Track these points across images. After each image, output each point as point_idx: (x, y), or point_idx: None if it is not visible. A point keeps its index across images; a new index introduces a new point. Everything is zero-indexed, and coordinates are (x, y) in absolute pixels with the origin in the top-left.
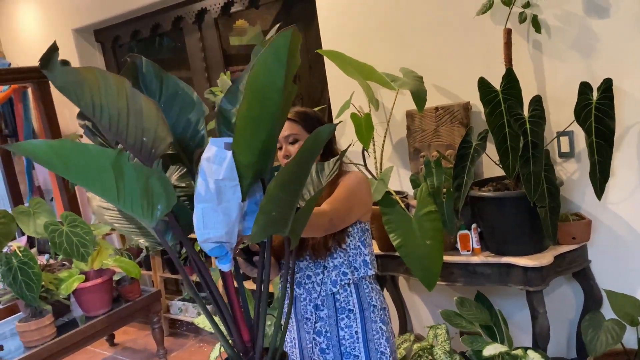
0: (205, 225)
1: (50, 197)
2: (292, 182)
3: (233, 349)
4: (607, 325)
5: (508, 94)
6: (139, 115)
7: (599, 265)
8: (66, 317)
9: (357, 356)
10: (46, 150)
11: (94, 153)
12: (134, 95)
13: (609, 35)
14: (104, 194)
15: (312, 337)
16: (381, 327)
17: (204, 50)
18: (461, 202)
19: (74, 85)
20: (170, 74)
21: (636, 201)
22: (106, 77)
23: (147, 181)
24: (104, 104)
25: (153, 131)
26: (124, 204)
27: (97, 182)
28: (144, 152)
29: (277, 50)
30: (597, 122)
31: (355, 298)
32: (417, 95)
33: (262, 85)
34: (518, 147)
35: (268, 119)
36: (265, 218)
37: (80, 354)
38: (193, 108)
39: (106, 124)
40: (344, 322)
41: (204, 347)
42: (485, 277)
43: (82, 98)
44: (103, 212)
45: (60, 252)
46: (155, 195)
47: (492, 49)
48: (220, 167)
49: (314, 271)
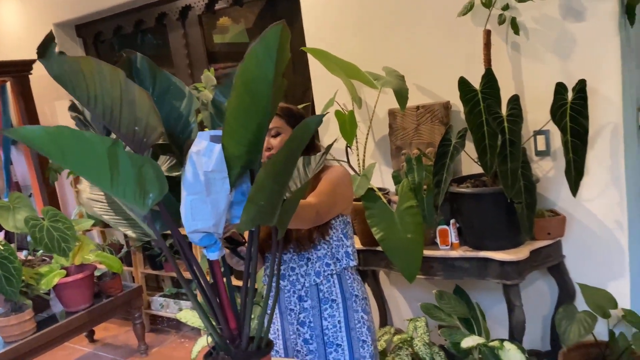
0: (193, 216)
1: (29, 193)
2: (281, 172)
3: (221, 337)
4: (580, 317)
5: (487, 94)
6: (132, 105)
7: (572, 260)
8: (46, 312)
9: (339, 345)
10: (43, 136)
11: (90, 140)
12: (128, 85)
13: (584, 38)
14: (99, 181)
15: (296, 327)
16: (363, 316)
17: (188, 47)
18: (441, 198)
19: (71, 74)
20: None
21: (608, 198)
22: (102, 68)
23: (141, 169)
24: (99, 93)
25: (145, 121)
26: (117, 191)
27: (92, 168)
28: (135, 141)
29: (268, 44)
30: (572, 122)
31: (338, 288)
32: (400, 94)
33: (253, 78)
34: (496, 145)
35: (258, 111)
36: (254, 208)
37: (60, 350)
38: (184, 101)
39: (100, 113)
40: (327, 312)
41: (185, 342)
42: (464, 271)
43: (77, 87)
44: (92, 205)
45: (41, 247)
46: (147, 183)
47: (472, 49)
48: (209, 159)
49: (297, 263)
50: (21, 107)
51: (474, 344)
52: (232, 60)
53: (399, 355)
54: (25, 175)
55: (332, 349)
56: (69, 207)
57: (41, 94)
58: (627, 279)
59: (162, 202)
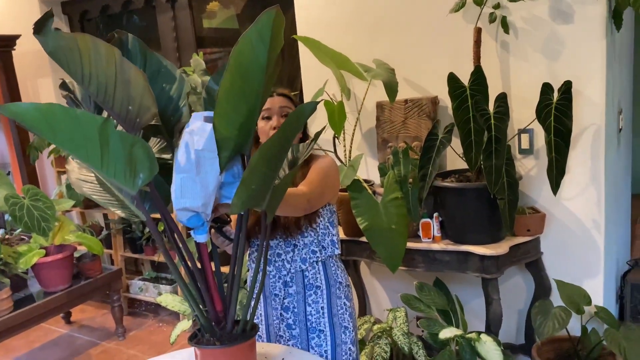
0: (182, 194)
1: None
2: (274, 156)
3: (206, 319)
4: (555, 312)
5: (475, 90)
6: (127, 84)
7: (550, 257)
8: (23, 292)
9: (322, 331)
10: (34, 114)
11: (82, 119)
12: (123, 64)
13: (572, 40)
14: (88, 159)
15: (280, 313)
16: (345, 303)
17: (176, 30)
18: (425, 191)
19: (66, 50)
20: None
21: (587, 197)
22: (98, 46)
23: (132, 149)
24: (94, 71)
25: (139, 100)
26: (107, 170)
27: (83, 147)
28: (128, 121)
29: (261, 29)
30: (556, 122)
31: (323, 275)
32: (389, 87)
33: (246, 62)
34: (482, 141)
35: (250, 95)
36: (246, 190)
37: (36, 330)
38: (175, 84)
39: (94, 91)
40: (311, 298)
41: (163, 327)
42: (444, 264)
43: (72, 64)
44: (82, 185)
45: (21, 226)
46: (138, 163)
47: (462, 46)
48: (200, 137)
49: (284, 249)
50: (3, 83)
51: (451, 335)
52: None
53: (378, 344)
54: (4, 153)
55: (314, 334)
56: (49, 187)
57: (24, 71)
58: (601, 277)
59: (152, 183)
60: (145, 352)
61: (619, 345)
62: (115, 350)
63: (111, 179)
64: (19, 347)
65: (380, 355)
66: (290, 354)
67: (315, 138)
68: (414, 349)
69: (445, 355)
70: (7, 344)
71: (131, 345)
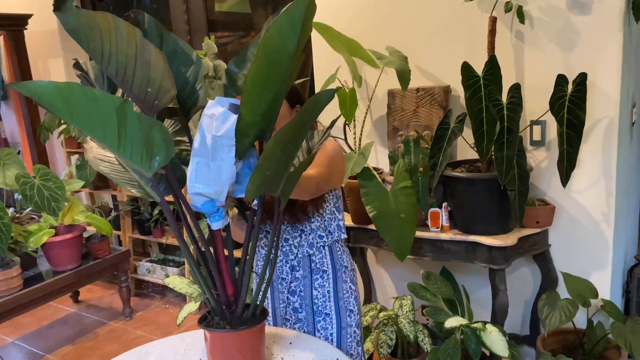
0: (197, 179)
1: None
2: (291, 142)
3: (218, 302)
4: (562, 304)
5: (489, 80)
6: (147, 65)
7: (557, 249)
8: (33, 270)
9: (328, 314)
10: (52, 92)
11: (100, 98)
12: (144, 45)
13: (588, 31)
14: (106, 140)
15: (286, 296)
16: (350, 286)
17: (188, 13)
18: (435, 180)
19: (87, 28)
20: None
21: (598, 191)
22: (119, 25)
23: (149, 131)
24: (113, 50)
25: (159, 82)
26: (123, 152)
27: (100, 127)
28: (147, 103)
29: (293, 18)
30: (569, 114)
31: (329, 260)
32: (402, 75)
33: (275, 49)
34: (494, 131)
35: (276, 82)
36: (261, 176)
37: (44, 309)
38: (191, 66)
39: (113, 71)
40: (318, 282)
41: (169, 308)
42: (452, 254)
43: (92, 42)
44: (99, 163)
45: (31, 205)
46: (155, 145)
47: (476, 35)
48: (222, 125)
49: (291, 234)
50: (14, 63)
51: (457, 324)
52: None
53: (383, 331)
54: (15, 132)
55: (320, 317)
56: (59, 167)
57: (35, 50)
58: (608, 271)
59: (168, 166)
60: (152, 333)
61: (625, 339)
62: (122, 330)
63: (127, 160)
64: (28, 325)
65: (386, 342)
66: (298, 338)
67: (330, 126)
68: (419, 337)
69: (450, 344)
70: (17, 321)
71: (138, 326)
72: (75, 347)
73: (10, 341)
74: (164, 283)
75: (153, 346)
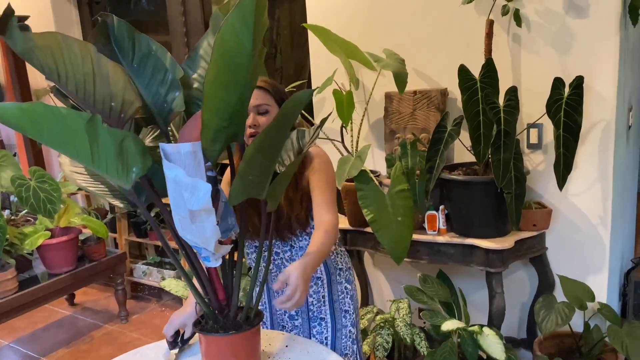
0: (182, 228)
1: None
2: (271, 146)
3: (209, 307)
4: (559, 307)
5: (486, 83)
6: (106, 80)
7: (554, 252)
8: (28, 272)
9: (323, 318)
10: (17, 114)
11: (67, 116)
12: (100, 60)
13: (585, 35)
14: (79, 156)
15: None
16: (346, 286)
17: (185, 15)
18: (432, 183)
19: (37, 51)
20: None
21: (594, 194)
22: (69, 43)
23: (122, 144)
24: (69, 70)
25: (121, 96)
26: (98, 167)
27: (71, 145)
28: (113, 117)
29: (244, 13)
30: (565, 117)
31: (323, 267)
32: (399, 77)
33: (230, 49)
34: (491, 134)
35: (238, 83)
36: (243, 182)
37: (39, 312)
38: (167, 68)
39: (72, 89)
40: (313, 289)
41: (166, 311)
42: (449, 257)
43: (45, 65)
44: (76, 177)
45: (27, 207)
46: (130, 157)
47: (473, 38)
48: (194, 197)
49: (281, 249)
50: (10, 64)
51: (453, 327)
52: None
53: (380, 334)
54: (11, 134)
55: (315, 322)
56: (54, 169)
57: None
58: (605, 274)
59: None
60: (148, 336)
61: (622, 343)
62: (117, 332)
63: (104, 175)
64: (22, 328)
65: (382, 345)
66: (294, 341)
67: (320, 124)
68: (416, 340)
69: (447, 347)
70: (11, 324)
71: (134, 329)
72: (71, 350)
73: (6, 344)
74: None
75: (149, 349)
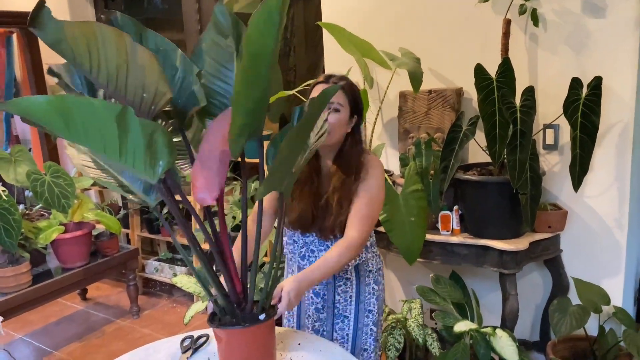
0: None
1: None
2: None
3: (228, 301)
4: (573, 310)
5: (502, 83)
6: (140, 70)
7: (569, 254)
8: (42, 267)
9: (347, 317)
10: (45, 107)
11: (99, 108)
12: (135, 49)
13: (603, 35)
14: (106, 150)
15: (310, 296)
16: (374, 287)
17: (200, 13)
18: (446, 183)
19: (70, 41)
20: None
21: (611, 196)
22: (105, 32)
23: (152, 136)
24: (102, 61)
25: (154, 86)
26: (126, 160)
27: (99, 138)
28: (143, 109)
29: (270, 12)
30: (583, 118)
31: (353, 269)
32: (414, 76)
33: (257, 48)
34: (506, 134)
35: (262, 80)
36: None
37: (52, 305)
38: (177, 64)
39: (104, 81)
40: (341, 288)
41: (177, 307)
42: (462, 257)
43: (78, 55)
44: (86, 170)
45: (41, 202)
46: (158, 150)
47: (490, 38)
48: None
49: (317, 247)
50: (27, 61)
51: (466, 329)
52: None
53: (392, 334)
54: (26, 129)
55: (339, 319)
56: (68, 164)
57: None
58: (621, 277)
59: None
60: (159, 332)
61: (638, 347)
62: (129, 328)
63: (130, 169)
64: (35, 321)
65: (394, 345)
66: (307, 339)
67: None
68: (428, 341)
69: (459, 348)
70: (25, 317)
71: (145, 324)
72: (83, 344)
73: (19, 337)
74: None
75: (161, 344)
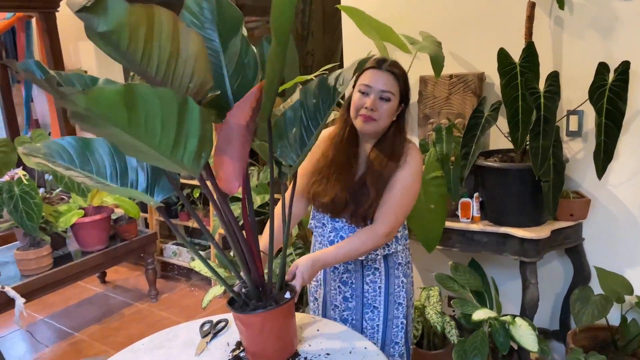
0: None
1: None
2: None
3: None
4: (595, 300)
5: (526, 67)
6: (190, 59)
7: (591, 243)
8: (62, 250)
9: (376, 307)
10: (114, 98)
11: (164, 96)
12: (189, 37)
13: (630, 18)
14: (160, 144)
15: (338, 285)
16: (403, 280)
17: None
18: (467, 170)
19: (132, 27)
20: None
21: (635, 185)
22: (162, 18)
23: (205, 126)
24: (155, 48)
25: (202, 76)
26: (176, 153)
27: (158, 130)
28: None
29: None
30: (608, 104)
31: (383, 261)
32: (435, 61)
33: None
34: (529, 120)
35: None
36: None
37: (72, 288)
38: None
39: (152, 71)
40: (369, 277)
41: (194, 291)
42: (482, 245)
43: (133, 42)
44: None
45: (61, 186)
46: (207, 141)
47: (513, 21)
48: None
49: (347, 233)
50: (46, 45)
51: (485, 317)
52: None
53: None
54: (45, 113)
55: (369, 309)
56: None
57: (66, 33)
58: None
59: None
60: (177, 315)
61: None
62: (147, 311)
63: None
64: (56, 303)
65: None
66: (326, 325)
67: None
68: (446, 329)
69: (478, 336)
70: (46, 299)
71: (163, 308)
72: (102, 326)
73: (40, 318)
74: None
75: (180, 329)
